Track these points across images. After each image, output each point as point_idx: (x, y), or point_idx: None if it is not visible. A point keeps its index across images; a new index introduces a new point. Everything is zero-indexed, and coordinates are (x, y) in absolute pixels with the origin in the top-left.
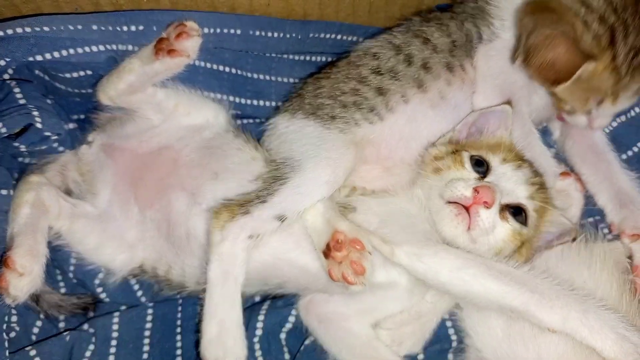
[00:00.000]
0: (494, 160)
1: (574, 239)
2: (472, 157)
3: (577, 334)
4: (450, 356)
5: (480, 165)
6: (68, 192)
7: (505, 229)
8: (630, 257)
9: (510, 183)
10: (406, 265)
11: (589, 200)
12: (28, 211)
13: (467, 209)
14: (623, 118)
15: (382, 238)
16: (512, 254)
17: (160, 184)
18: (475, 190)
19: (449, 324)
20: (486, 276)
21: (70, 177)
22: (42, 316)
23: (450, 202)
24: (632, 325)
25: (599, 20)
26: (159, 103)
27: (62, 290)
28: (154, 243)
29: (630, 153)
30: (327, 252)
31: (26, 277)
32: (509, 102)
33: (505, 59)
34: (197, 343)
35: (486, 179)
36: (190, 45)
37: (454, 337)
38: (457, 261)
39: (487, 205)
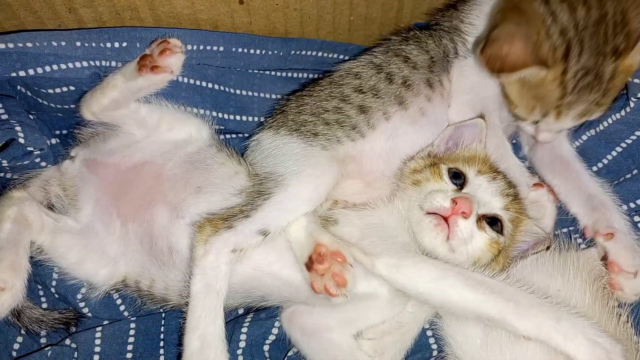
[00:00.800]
0: (470, 172)
1: (547, 248)
2: (449, 170)
3: (551, 341)
4: None
5: (458, 178)
6: (50, 207)
7: (482, 238)
8: (604, 257)
9: (486, 194)
10: (386, 276)
11: (562, 210)
12: (10, 226)
13: (446, 219)
14: (592, 132)
15: (363, 250)
16: (489, 262)
17: (143, 198)
18: (454, 201)
19: (429, 333)
20: (463, 286)
21: (53, 192)
22: (23, 331)
23: (429, 213)
24: (604, 331)
25: (560, 32)
26: (142, 118)
27: (44, 306)
28: (136, 257)
29: (600, 165)
30: (309, 265)
31: (7, 292)
32: (482, 116)
33: (478, 74)
34: (180, 356)
35: (463, 191)
36: (173, 62)
37: (434, 347)
38: (435, 272)
39: (465, 216)
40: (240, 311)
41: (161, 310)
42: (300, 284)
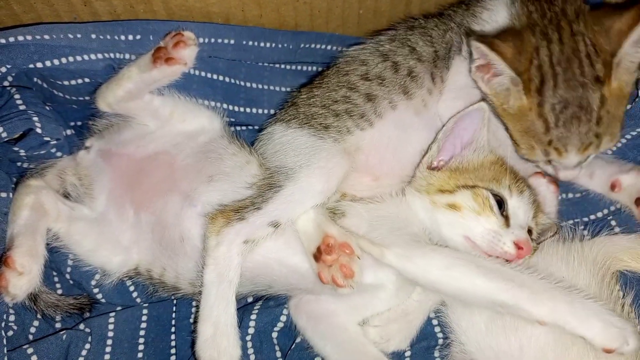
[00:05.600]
0: (505, 194)
1: (554, 235)
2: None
3: (567, 325)
4: (436, 353)
5: (500, 205)
6: (66, 196)
7: None
8: None
9: (523, 213)
10: (396, 265)
11: (565, 202)
12: (28, 213)
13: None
14: None
15: (371, 241)
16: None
17: (155, 187)
18: (518, 246)
19: (435, 322)
20: (475, 274)
21: (69, 181)
22: (39, 316)
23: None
24: (614, 312)
25: (538, 67)
26: (155, 110)
27: (59, 292)
28: (148, 246)
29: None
30: (317, 256)
31: (25, 276)
32: (483, 99)
33: None
34: (193, 343)
35: (511, 221)
36: (187, 54)
37: (440, 335)
38: (445, 260)
39: (528, 255)
40: (250, 299)
41: (172, 297)
42: (307, 272)
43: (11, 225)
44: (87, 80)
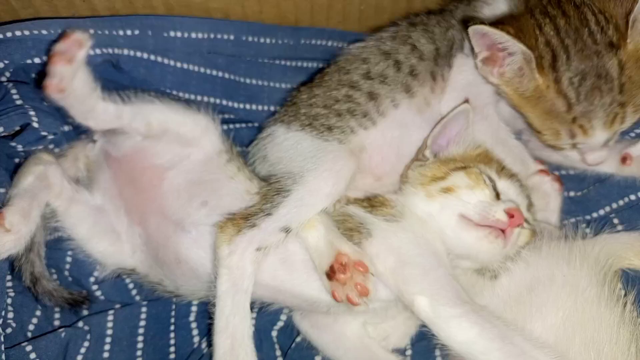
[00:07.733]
0: (493, 174)
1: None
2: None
3: None
4: (437, 352)
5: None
6: (77, 181)
7: (525, 233)
8: None
9: (515, 194)
10: (423, 317)
11: (569, 200)
12: (31, 180)
13: (502, 230)
14: None
15: (400, 285)
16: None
17: (144, 204)
18: (510, 214)
19: None
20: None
21: (79, 167)
22: (37, 313)
23: (482, 226)
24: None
25: (545, 43)
26: (128, 124)
27: None
28: (144, 258)
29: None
30: (330, 275)
31: (12, 235)
32: (466, 101)
33: (476, 74)
34: (210, 356)
35: (502, 197)
36: (62, 72)
37: None
38: (474, 330)
39: (521, 226)
40: None
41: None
42: (320, 300)
43: (13, 189)
44: None
